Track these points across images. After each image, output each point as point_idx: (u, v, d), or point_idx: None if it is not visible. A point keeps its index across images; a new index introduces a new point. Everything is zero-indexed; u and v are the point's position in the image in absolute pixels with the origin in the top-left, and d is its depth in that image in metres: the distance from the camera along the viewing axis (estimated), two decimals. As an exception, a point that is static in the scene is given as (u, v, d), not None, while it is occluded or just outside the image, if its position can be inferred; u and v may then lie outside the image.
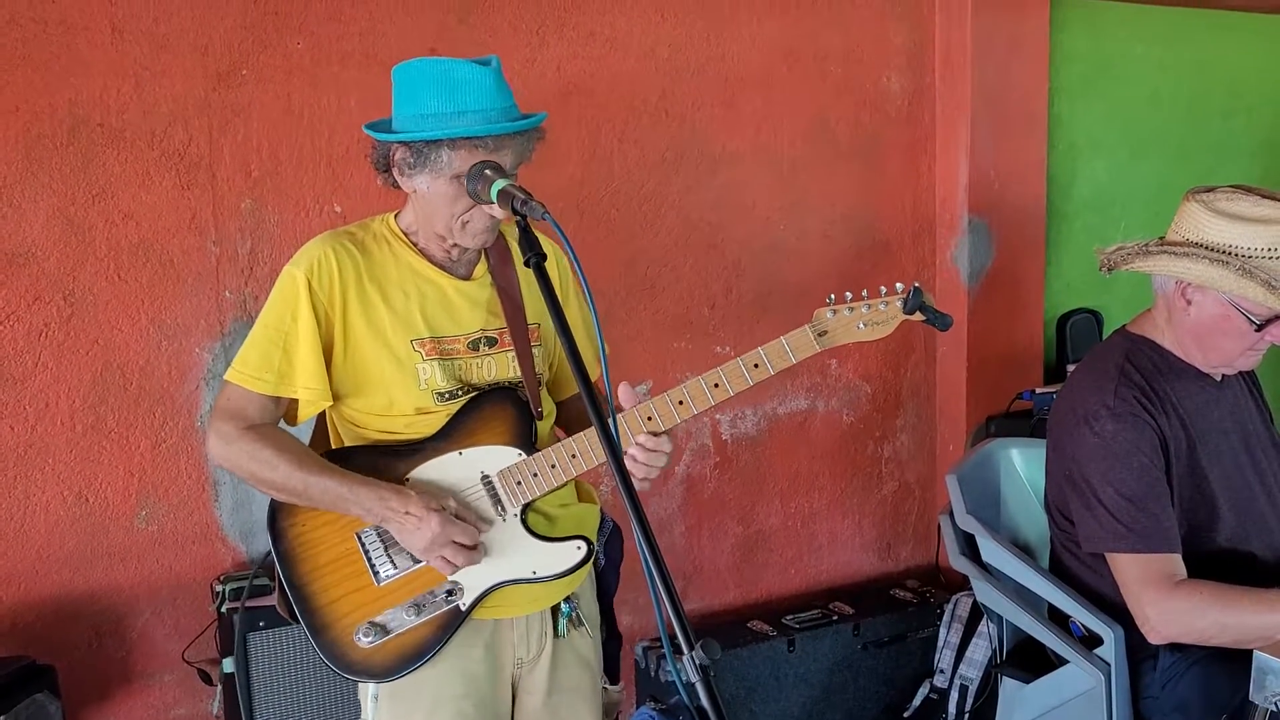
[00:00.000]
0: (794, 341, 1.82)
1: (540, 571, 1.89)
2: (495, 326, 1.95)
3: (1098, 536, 2.14)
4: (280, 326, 1.84)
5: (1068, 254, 4.17)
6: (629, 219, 3.37)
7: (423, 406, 1.90)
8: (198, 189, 2.82)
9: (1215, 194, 2.13)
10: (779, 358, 1.82)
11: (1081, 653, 2.27)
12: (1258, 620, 1.99)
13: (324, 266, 1.85)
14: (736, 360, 1.84)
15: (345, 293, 1.85)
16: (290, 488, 1.83)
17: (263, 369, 1.84)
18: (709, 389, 1.85)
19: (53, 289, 2.70)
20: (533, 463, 1.89)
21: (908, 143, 3.82)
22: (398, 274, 1.90)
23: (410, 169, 1.85)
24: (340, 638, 1.85)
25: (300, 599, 1.87)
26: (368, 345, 1.87)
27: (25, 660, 2.53)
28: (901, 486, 3.99)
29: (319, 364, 1.85)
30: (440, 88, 1.80)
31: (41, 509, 2.73)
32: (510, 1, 3.12)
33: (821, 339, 1.82)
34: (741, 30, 3.48)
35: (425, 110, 1.80)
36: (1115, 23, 4.14)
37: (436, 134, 1.78)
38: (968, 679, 3.40)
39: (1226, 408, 2.29)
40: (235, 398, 1.87)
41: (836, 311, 1.83)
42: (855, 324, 1.82)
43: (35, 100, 2.64)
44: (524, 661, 1.99)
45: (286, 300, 1.85)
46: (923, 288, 1.79)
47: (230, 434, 1.84)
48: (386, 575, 1.86)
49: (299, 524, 1.89)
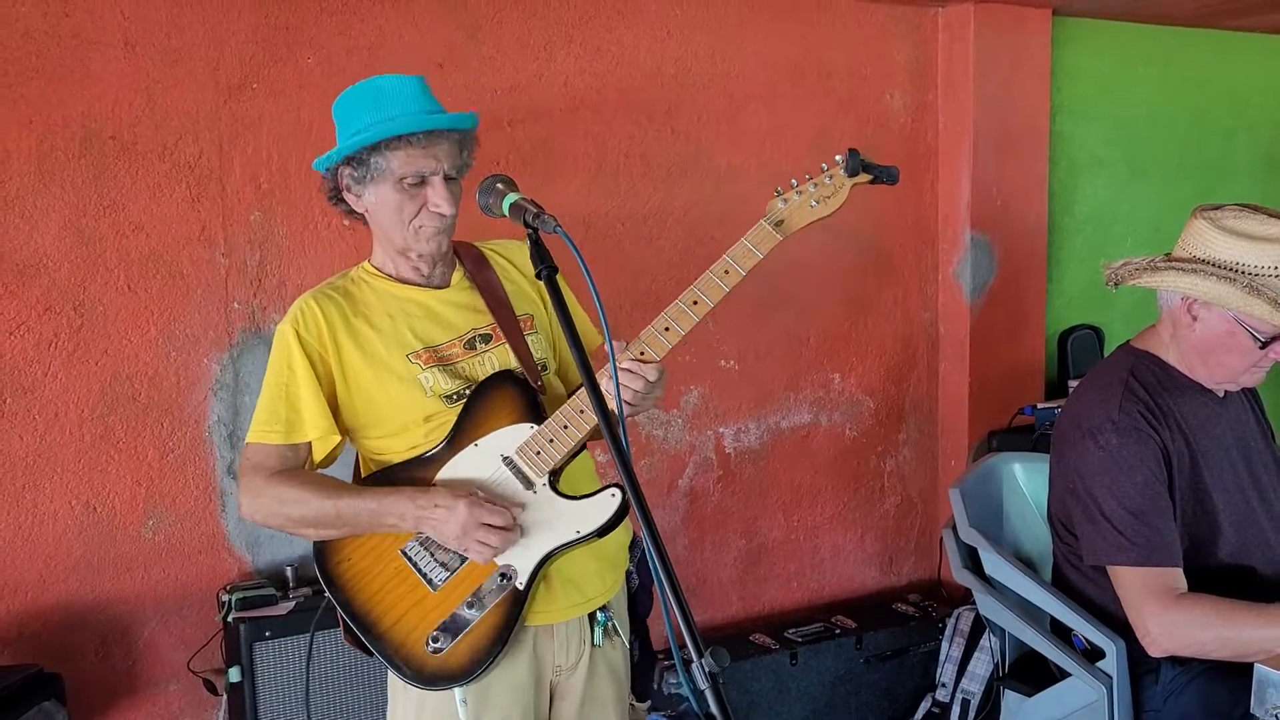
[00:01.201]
0: (754, 237, 1.87)
1: (583, 528, 1.89)
2: (485, 324, 2.00)
3: (1100, 549, 2.16)
4: (280, 380, 1.92)
5: (1069, 270, 4.19)
6: (634, 232, 3.39)
7: (432, 413, 1.93)
8: (208, 201, 2.84)
9: (1223, 212, 2.15)
10: (745, 256, 1.87)
11: (1084, 666, 2.27)
12: (1257, 634, 2.00)
13: (308, 315, 1.93)
14: (707, 272, 1.88)
15: (334, 334, 1.92)
16: (324, 518, 1.87)
17: (272, 422, 1.91)
18: (689, 307, 1.88)
19: (63, 299, 2.72)
20: (545, 430, 1.91)
21: (910, 159, 3.85)
22: (380, 303, 1.97)
23: (356, 184, 1.91)
24: (415, 653, 1.86)
25: (366, 629, 1.88)
26: (368, 374, 1.92)
27: (33, 668, 2.54)
28: (904, 501, 4.00)
29: (321, 404, 1.91)
30: (368, 101, 1.89)
31: (50, 518, 2.75)
32: (518, 17, 3.16)
33: (779, 228, 1.88)
34: (746, 47, 3.51)
35: (358, 126, 1.88)
36: (1117, 41, 4.17)
37: (366, 138, 1.85)
38: (970, 693, 3.41)
39: (1228, 423, 2.30)
40: (254, 455, 1.93)
41: (787, 200, 1.89)
42: (807, 204, 1.88)
43: (48, 113, 2.67)
44: (563, 669, 2.01)
45: (281, 355, 1.93)
46: (859, 150, 1.84)
47: (256, 486, 1.90)
48: (440, 580, 1.88)
49: (344, 560, 1.92)
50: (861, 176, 1.87)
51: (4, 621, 2.72)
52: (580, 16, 3.25)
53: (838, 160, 1.87)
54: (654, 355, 1.88)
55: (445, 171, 1.88)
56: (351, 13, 2.95)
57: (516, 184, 1.81)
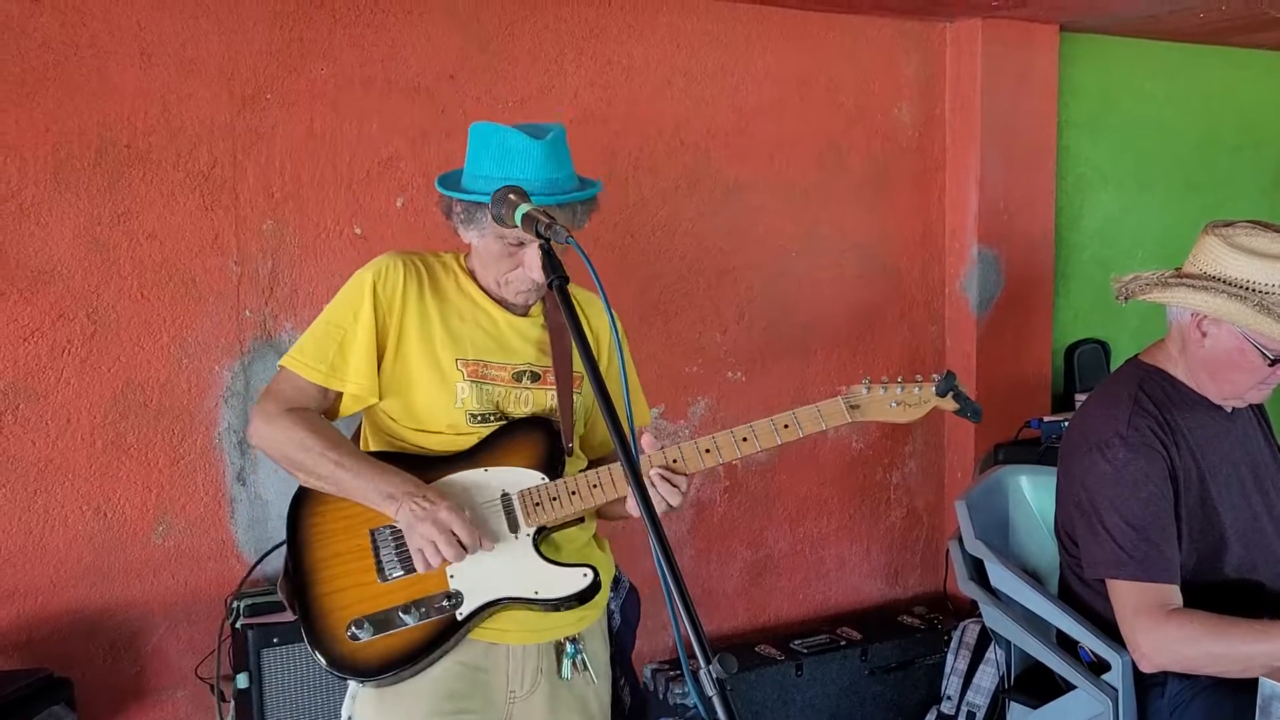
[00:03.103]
0: (827, 410, 1.92)
1: (542, 593, 1.90)
2: (542, 364, 2.01)
3: (1099, 561, 2.17)
4: (341, 323, 1.93)
5: (1076, 284, 4.20)
6: (643, 244, 3.41)
7: (455, 425, 1.95)
8: (221, 210, 2.87)
9: (1234, 229, 2.16)
10: (811, 422, 1.91)
11: (1089, 678, 2.28)
12: (1246, 650, 2.00)
13: (391, 273, 1.94)
14: (768, 419, 1.92)
15: (405, 301, 1.94)
16: (320, 469, 1.88)
17: (318, 359, 1.93)
18: (738, 442, 1.92)
19: (77, 306, 2.74)
20: (554, 487, 1.92)
21: (918, 173, 3.87)
22: (457, 298, 1.99)
23: (462, 223, 1.96)
24: (332, 629, 1.85)
25: (302, 585, 1.89)
26: (416, 353, 1.94)
27: (43, 672, 2.55)
28: (910, 513, 4.00)
29: (371, 364, 1.93)
30: (495, 153, 1.90)
31: (61, 523, 2.76)
32: (530, 30, 3.18)
33: (853, 411, 1.92)
34: (755, 60, 3.53)
35: (481, 172, 1.91)
36: (1124, 57, 4.19)
37: (479, 197, 1.88)
38: (975, 705, 3.41)
39: (1236, 439, 2.30)
40: (285, 381, 1.95)
41: (871, 389, 1.93)
42: (888, 403, 1.92)
43: (65, 121, 2.69)
44: (517, 695, 1.97)
45: (351, 300, 1.94)
46: (955, 375, 1.89)
47: (273, 413, 1.92)
48: (392, 574, 1.88)
49: (319, 513, 1.93)
50: (948, 402, 1.91)
51: (15, 626, 2.73)
52: (591, 30, 3.27)
53: (934, 378, 1.91)
54: (686, 468, 1.90)
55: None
56: (365, 24, 2.98)
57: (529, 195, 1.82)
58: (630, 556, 3.41)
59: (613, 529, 2.18)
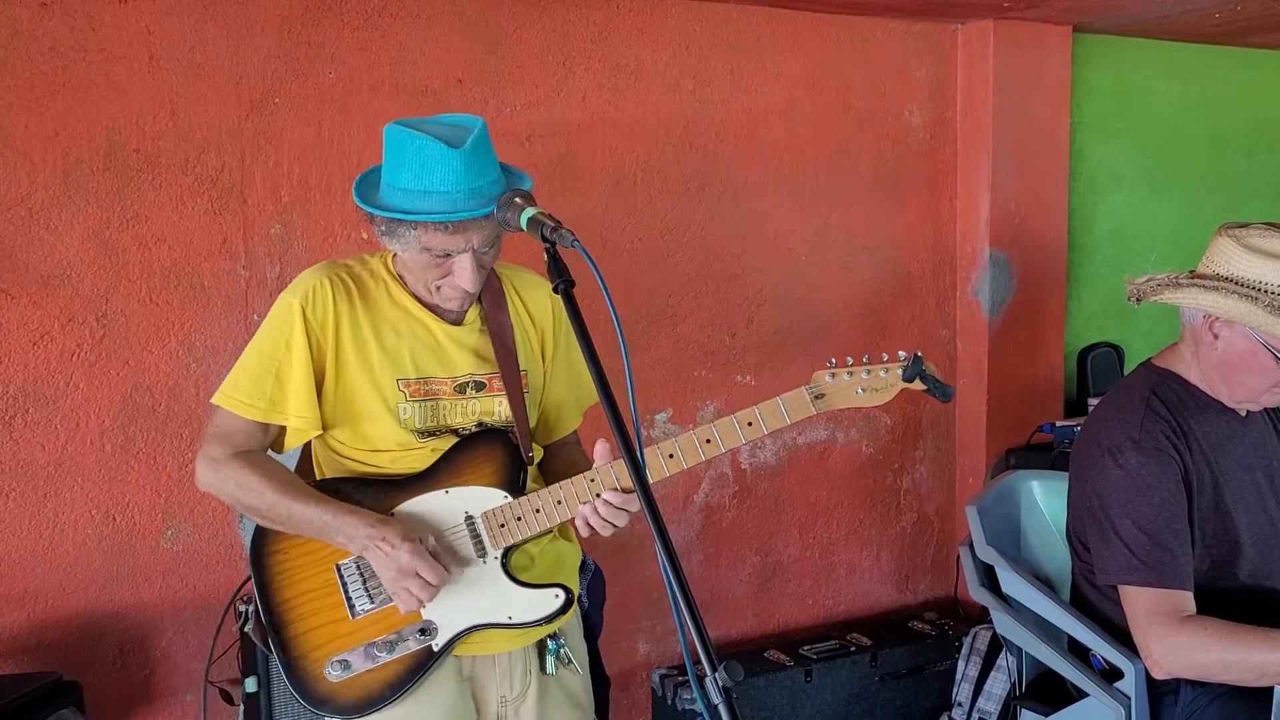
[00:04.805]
0: (790, 402, 1.84)
1: (516, 617, 1.88)
2: (485, 371, 1.95)
3: (1111, 567, 2.15)
4: (274, 354, 1.85)
5: (1089, 288, 4.17)
6: (651, 248, 3.40)
7: (404, 442, 1.90)
8: (229, 214, 2.87)
9: (1248, 230, 2.14)
10: (773, 417, 1.84)
11: (1102, 686, 2.26)
12: (1261, 658, 1.98)
13: (319, 295, 1.85)
14: (731, 417, 1.85)
15: (339, 322, 1.86)
16: (275, 515, 1.83)
17: (255, 395, 1.85)
18: (700, 444, 1.85)
19: (86, 310, 2.75)
20: (518, 506, 1.88)
21: (929, 176, 3.85)
22: (391, 312, 1.91)
23: (384, 235, 1.86)
24: (311, 669, 1.83)
25: (275, 627, 1.85)
26: (356, 378, 1.87)
27: (53, 676, 2.56)
28: (920, 518, 3.98)
29: (310, 393, 1.85)
30: (413, 164, 1.79)
31: (70, 527, 2.77)
32: (538, 33, 3.18)
33: (818, 401, 1.84)
34: (765, 63, 3.52)
35: (399, 183, 1.80)
36: (1137, 58, 4.16)
37: (399, 215, 1.79)
38: (986, 712, 3.39)
39: (1250, 443, 2.28)
40: (224, 423, 1.87)
41: (835, 375, 1.85)
42: (854, 389, 1.85)
43: (74, 126, 2.70)
44: (508, 699, 1.96)
45: (281, 327, 1.85)
46: (924, 357, 1.81)
47: (218, 458, 1.85)
48: (362, 609, 1.85)
49: (281, 551, 1.88)
50: (916, 384, 1.84)
51: (24, 629, 2.74)
52: (599, 32, 3.27)
53: (900, 357, 1.84)
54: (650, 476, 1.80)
55: (475, 248, 1.81)
56: (373, 28, 2.98)
57: (534, 198, 1.81)
58: (637, 559, 3.42)
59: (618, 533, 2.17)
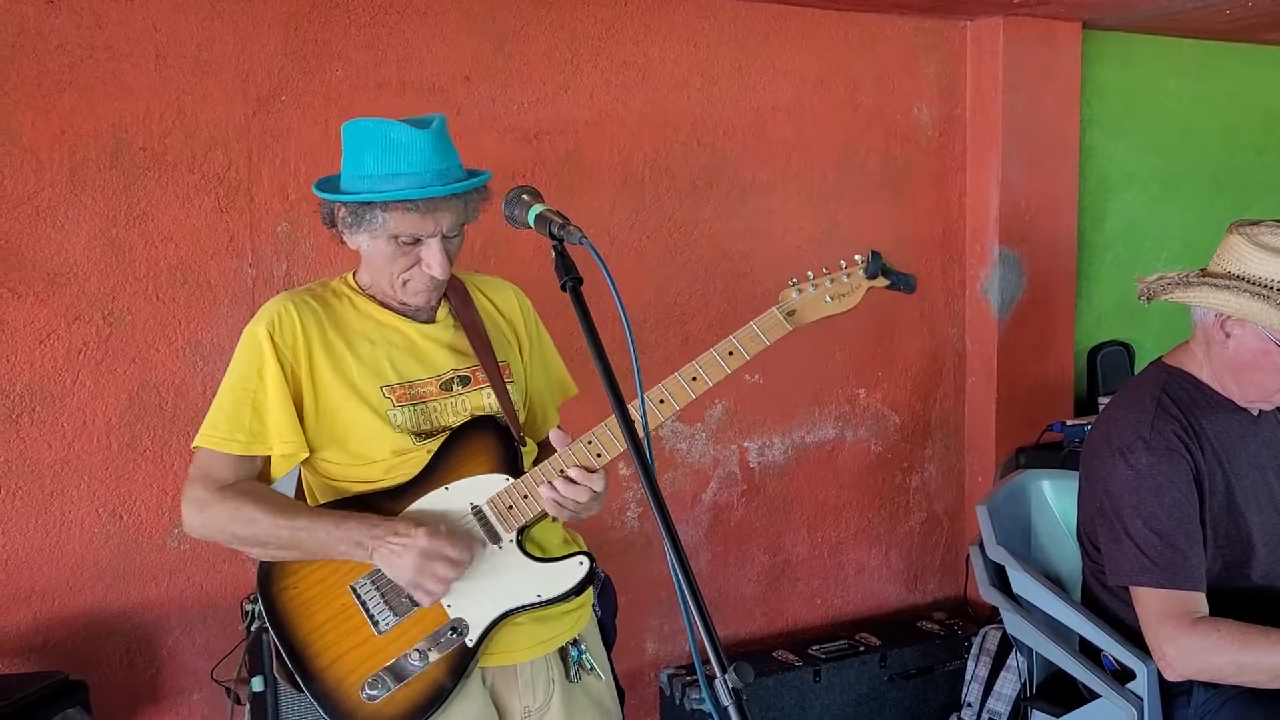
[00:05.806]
0: (764, 324, 1.85)
1: (545, 593, 1.85)
2: (466, 365, 1.93)
3: (1123, 568, 2.13)
4: (247, 385, 1.82)
5: (1099, 286, 4.15)
6: (660, 246, 3.39)
7: (400, 448, 1.87)
8: (235, 212, 2.86)
9: (1259, 228, 2.12)
10: (752, 341, 1.85)
11: (1114, 687, 2.24)
12: (1273, 660, 1.97)
13: (285, 320, 1.83)
14: (711, 350, 1.85)
15: (310, 344, 1.84)
16: (276, 538, 1.79)
17: (234, 430, 1.81)
18: (686, 383, 1.84)
19: (92, 308, 2.74)
20: (521, 485, 1.86)
21: (938, 173, 3.83)
22: (360, 324, 1.89)
23: (349, 228, 1.84)
24: (347, 698, 1.78)
25: (301, 663, 1.80)
26: (338, 395, 1.84)
27: (59, 675, 2.55)
28: (929, 517, 3.97)
29: (291, 417, 1.82)
30: (378, 149, 1.78)
31: (76, 525, 2.76)
32: (545, 30, 3.17)
33: (790, 318, 1.86)
34: (773, 60, 3.51)
35: (364, 171, 1.80)
36: (1148, 55, 4.14)
37: (369, 196, 1.78)
38: (996, 713, 3.37)
39: (1263, 443, 2.26)
40: (206, 463, 1.83)
41: (801, 290, 1.87)
42: (822, 298, 1.86)
43: (80, 124, 2.70)
44: (532, 710, 1.93)
45: (250, 358, 1.83)
46: (881, 254, 1.83)
47: (204, 499, 1.80)
48: (386, 624, 1.81)
49: (291, 585, 1.84)
50: (880, 281, 1.86)
51: (30, 628, 2.73)
52: (607, 30, 3.25)
53: (858, 260, 1.86)
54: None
55: (444, 233, 1.81)
56: (379, 26, 2.97)
57: (542, 195, 1.80)
58: (645, 558, 3.41)
59: (626, 532, 2.17)
